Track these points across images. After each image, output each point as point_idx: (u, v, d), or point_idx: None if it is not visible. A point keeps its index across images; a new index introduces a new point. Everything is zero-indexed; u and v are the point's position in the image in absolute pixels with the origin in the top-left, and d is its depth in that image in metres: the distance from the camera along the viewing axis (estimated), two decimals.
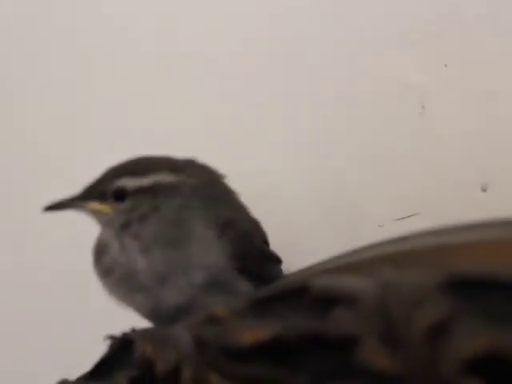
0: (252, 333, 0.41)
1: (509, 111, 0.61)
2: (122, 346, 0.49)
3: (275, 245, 0.60)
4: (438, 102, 0.63)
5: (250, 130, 0.72)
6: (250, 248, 0.53)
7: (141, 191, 0.51)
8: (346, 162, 0.66)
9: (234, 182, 0.57)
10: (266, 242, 0.59)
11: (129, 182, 0.51)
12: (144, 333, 0.47)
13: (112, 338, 0.50)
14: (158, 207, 0.51)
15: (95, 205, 0.51)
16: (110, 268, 0.52)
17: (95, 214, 0.52)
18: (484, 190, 0.59)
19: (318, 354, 0.38)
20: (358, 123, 0.66)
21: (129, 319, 0.53)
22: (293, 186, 0.68)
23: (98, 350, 0.50)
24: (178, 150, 0.54)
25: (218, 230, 0.51)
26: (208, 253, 0.50)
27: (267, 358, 0.41)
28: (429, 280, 0.36)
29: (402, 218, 0.61)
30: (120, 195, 0.51)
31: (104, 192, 0.51)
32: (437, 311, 0.34)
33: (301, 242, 0.65)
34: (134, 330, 0.49)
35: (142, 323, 0.52)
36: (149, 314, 0.53)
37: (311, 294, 0.39)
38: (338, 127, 0.67)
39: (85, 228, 0.55)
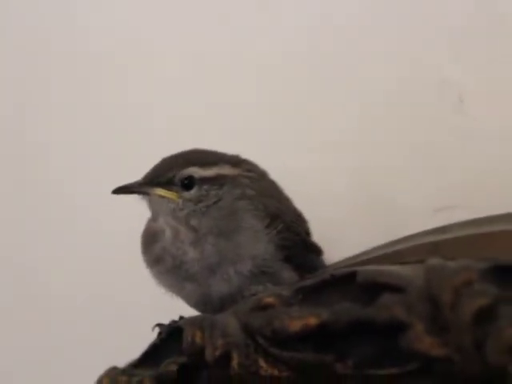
0: (300, 320, 0.42)
1: None
2: (170, 334, 0.50)
3: (315, 239, 0.61)
4: (475, 98, 0.64)
5: (288, 129, 0.73)
6: (295, 239, 0.55)
7: (207, 181, 0.52)
8: (386, 157, 0.67)
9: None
10: (308, 233, 0.60)
11: (197, 172, 0.52)
12: (193, 320, 0.48)
13: (161, 325, 0.52)
14: (221, 198, 0.52)
15: (162, 191, 0.53)
16: (159, 257, 0.54)
17: (160, 200, 0.53)
18: None
19: (364, 339, 0.40)
20: (397, 118, 0.67)
21: (175, 308, 0.55)
22: (331, 179, 0.69)
23: (147, 337, 0.52)
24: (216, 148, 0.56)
25: (266, 220, 0.52)
26: (256, 243, 0.52)
27: (314, 344, 0.42)
28: (473, 267, 0.37)
29: (441, 210, 0.62)
30: (188, 184, 0.52)
31: (171, 179, 0.53)
32: (482, 297, 0.35)
33: (339, 236, 0.66)
34: (182, 318, 0.51)
35: (187, 312, 0.54)
36: (197, 303, 0.54)
37: (358, 282, 0.41)
38: (377, 123, 0.67)
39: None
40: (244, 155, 0.57)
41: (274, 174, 0.59)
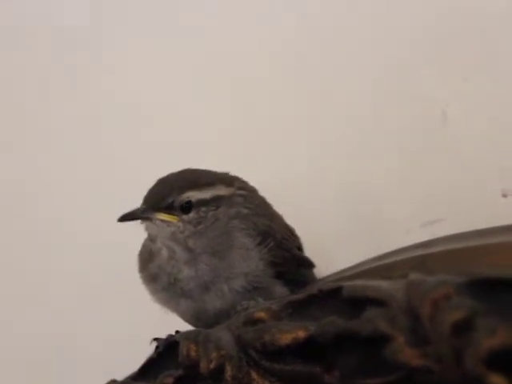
0: (289, 333, 0.44)
1: None
2: (167, 348, 0.52)
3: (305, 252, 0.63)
4: (459, 114, 0.65)
5: (275, 139, 0.74)
6: (285, 255, 0.57)
7: (204, 203, 0.55)
8: (373, 171, 0.68)
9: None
10: (299, 248, 0.62)
11: (194, 195, 0.55)
12: (188, 334, 0.50)
13: (158, 340, 0.54)
14: (218, 219, 0.55)
15: (164, 215, 0.55)
16: (156, 275, 0.56)
17: (161, 224, 0.55)
18: (505, 196, 0.61)
19: (350, 351, 0.41)
20: (384, 133, 0.68)
21: (173, 323, 0.57)
22: (320, 194, 0.70)
23: (145, 351, 0.54)
24: (207, 161, 0.58)
25: (258, 239, 0.55)
26: (248, 261, 0.54)
27: (303, 356, 0.44)
28: (451, 282, 0.38)
29: (427, 224, 0.64)
30: (186, 207, 0.55)
31: (171, 204, 0.55)
32: (459, 310, 0.37)
33: (329, 250, 0.68)
34: (178, 332, 0.53)
35: (183, 327, 0.56)
36: (192, 318, 0.56)
37: (344, 296, 0.43)
38: (365, 136, 0.69)
39: None
40: (232, 167, 0.59)
41: (262, 187, 0.61)
